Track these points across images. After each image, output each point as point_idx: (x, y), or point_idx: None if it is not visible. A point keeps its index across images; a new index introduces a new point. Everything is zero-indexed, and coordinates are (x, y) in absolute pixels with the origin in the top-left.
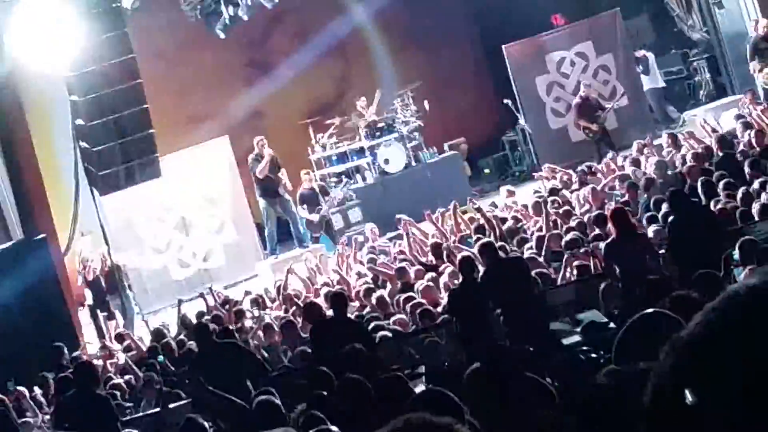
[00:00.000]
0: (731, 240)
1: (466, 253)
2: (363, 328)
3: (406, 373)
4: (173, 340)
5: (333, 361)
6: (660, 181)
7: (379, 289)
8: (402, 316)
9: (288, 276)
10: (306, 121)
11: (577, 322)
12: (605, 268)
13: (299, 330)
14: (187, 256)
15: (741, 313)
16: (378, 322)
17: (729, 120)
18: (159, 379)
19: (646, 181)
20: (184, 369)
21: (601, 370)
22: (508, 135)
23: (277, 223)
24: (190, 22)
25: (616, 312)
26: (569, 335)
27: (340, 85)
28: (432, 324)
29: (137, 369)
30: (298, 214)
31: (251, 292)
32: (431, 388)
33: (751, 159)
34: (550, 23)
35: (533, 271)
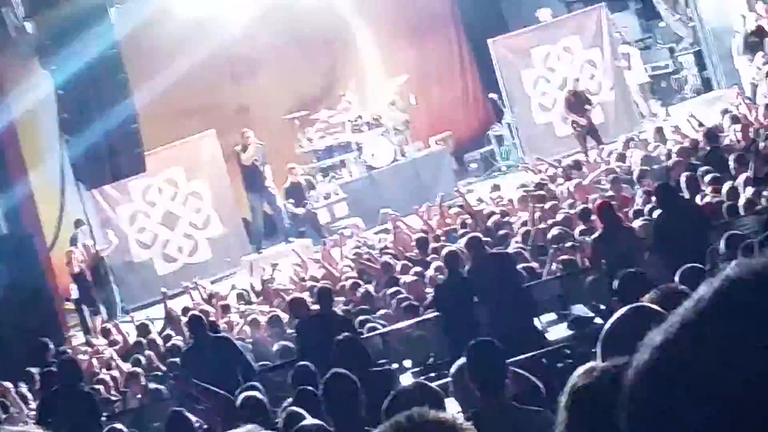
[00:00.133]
0: (717, 234)
1: (452, 248)
2: (349, 322)
3: (393, 368)
4: (159, 335)
5: (323, 353)
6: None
7: (365, 284)
8: (388, 310)
9: (274, 270)
10: (292, 115)
11: (564, 316)
12: (592, 262)
13: (285, 325)
14: (172, 251)
15: (720, 306)
16: (365, 315)
17: (715, 114)
18: (144, 373)
19: (640, 172)
20: (170, 362)
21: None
22: (495, 129)
23: (263, 218)
24: (174, 17)
25: (602, 306)
26: (555, 329)
27: (326, 79)
28: (418, 318)
29: (122, 363)
30: (284, 209)
31: (236, 286)
32: (417, 381)
33: (736, 154)
34: (536, 17)
35: (519, 266)
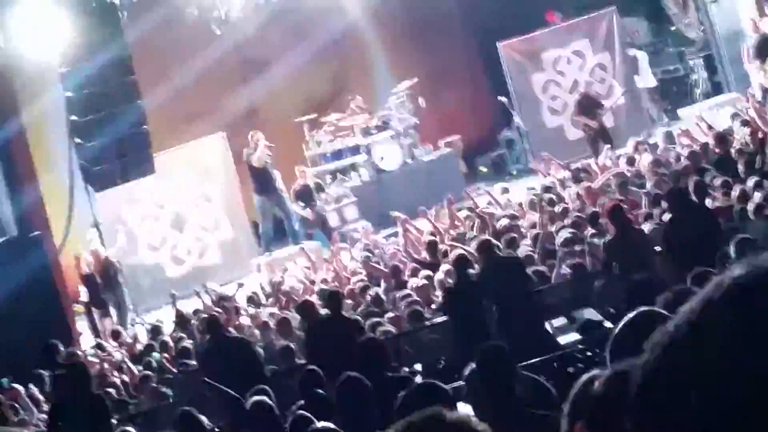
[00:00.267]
0: (727, 238)
1: (461, 251)
2: (358, 325)
3: (404, 371)
4: (169, 337)
5: (332, 356)
6: (656, 179)
7: (374, 287)
8: (397, 313)
9: (285, 274)
10: (302, 118)
11: (573, 320)
12: (604, 266)
13: (294, 328)
14: (182, 254)
15: (726, 308)
16: (376, 318)
17: (725, 118)
18: (155, 376)
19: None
20: (182, 364)
21: (592, 373)
22: (504, 133)
23: (272, 221)
24: (185, 19)
25: (612, 310)
26: (565, 333)
27: (335, 82)
28: (427, 322)
29: (133, 366)
30: (294, 211)
31: (243, 284)
32: (429, 381)
33: (746, 158)
34: (546, 21)
35: (529, 269)
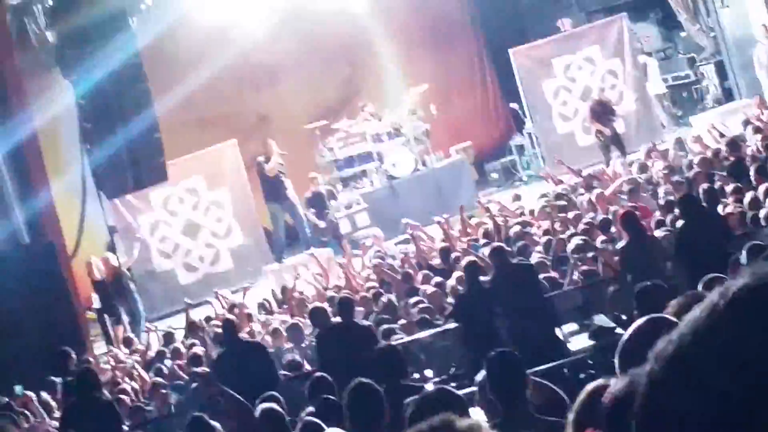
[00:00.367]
0: (739, 245)
1: (472, 258)
2: (370, 332)
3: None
4: (181, 343)
5: (343, 362)
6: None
7: (386, 294)
8: (408, 320)
9: (296, 280)
10: (313, 125)
11: (585, 326)
12: (617, 272)
13: (306, 334)
14: (194, 261)
15: (733, 316)
16: (387, 325)
17: (736, 124)
18: (167, 383)
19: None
20: (193, 372)
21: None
22: (516, 139)
23: (284, 227)
24: (196, 25)
25: (624, 317)
26: (577, 340)
27: (347, 89)
28: (439, 329)
29: (144, 373)
30: (305, 218)
31: (249, 287)
32: (441, 387)
33: (757, 164)
34: (557, 27)
35: (541, 276)
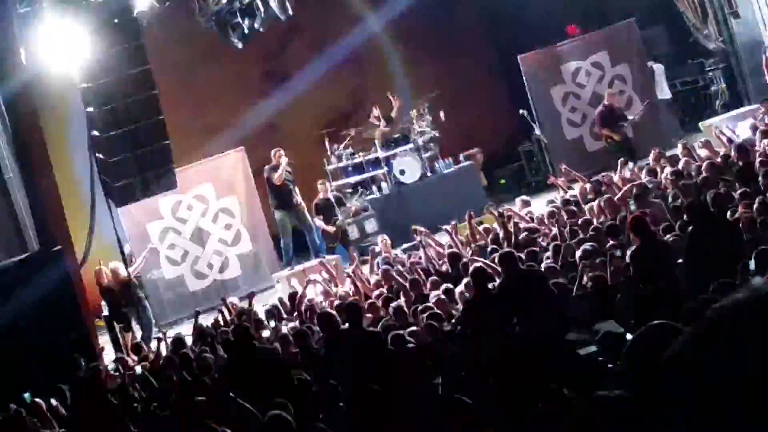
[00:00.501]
0: (748, 250)
1: (479, 265)
2: (377, 339)
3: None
4: (190, 350)
5: (350, 368)
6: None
7: (396, 300)
8: (418, 326)
9: (306, 287)
10: (322, 131)
11: (594, 332)
12: (629, 277)
13: (314, 341)
14: (203, 268)
15: (724, 331)
16: (396, 331)
17: (745, 130)
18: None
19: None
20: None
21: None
22: (524, 145)
23: (292, 234)
24: (206, 33)
25: (633, 322)
26: (586, 346)
27: (355, 95)
28: (448, 335)
29: (154, 380)
30: (314, 225)
31: (255, 293)
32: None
33: (766, 168)
34: (565, 33)
35: (550, 281)
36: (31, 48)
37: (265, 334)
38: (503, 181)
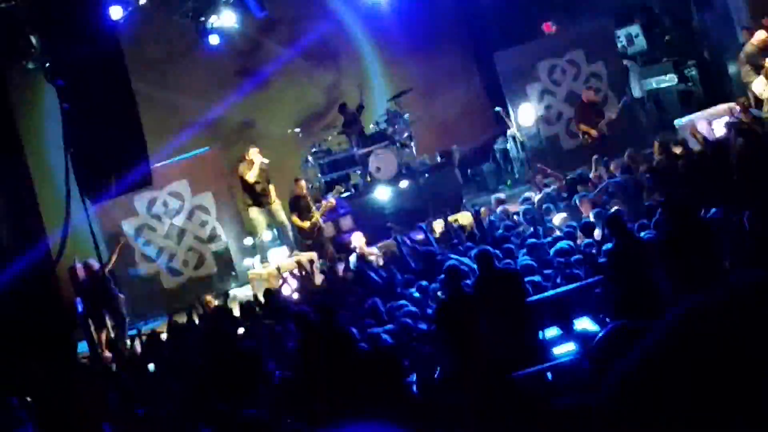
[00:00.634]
0: (725, 249)
1: (452, 264)
2: (350, 338)
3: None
4: (166, 347)
5: (324, 367)
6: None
7: (371, 298)
8: (393, 325)
9: (282, 285)
10: (298, 129)
11: (570, 330)
12: (606, 275)
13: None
14: (178, 265)
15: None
16: (374, 329)
17: (720, 128)
18: (151, 386)
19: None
20: (178, 375)
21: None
22: (500, 143)
23: (267, 232)
24: (181, 30)
25: (609, 320)
26: (561, 344)
27: (331, 93)
28: (422, 333)
29: (129, 377)
30: (289, 222)
31: (229, 294)
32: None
33: (741, 167)
34: (541, 31)
35: (526, 279)
36: (6, 44)
37: (240, 331)
38: (479, 178)
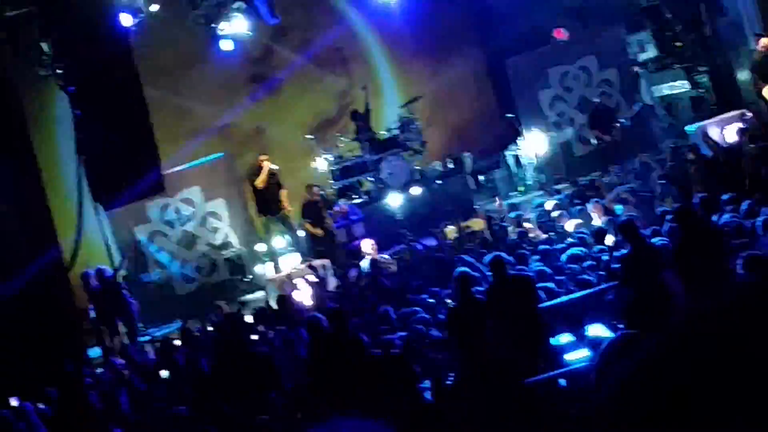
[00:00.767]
0: (736, 254)
1: (462, 270)
2: (361, 344)
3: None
4: (180, 354)
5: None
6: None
7: (383, 304)
8: (406, 332)
9: (295, 290)
10: (309, 135)
11: (583, 336)
12: (620, 280)
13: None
14: (190, 271)
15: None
16: (387, 335)
17: (731, 134)
18: (163, 394)
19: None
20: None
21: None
22: (512, 149)
23: (279, 238)
24: (193, 37)
25: (621, 326)
26: (574, 350)
27: (343, 99)
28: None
29: (141, 383)
30: (303, 229)
31: (242, 296)
32: None
33: (753, 172)
34: (553, 37)
35: (539, 285)
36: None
37: (253, 338)
38: (491, 184)
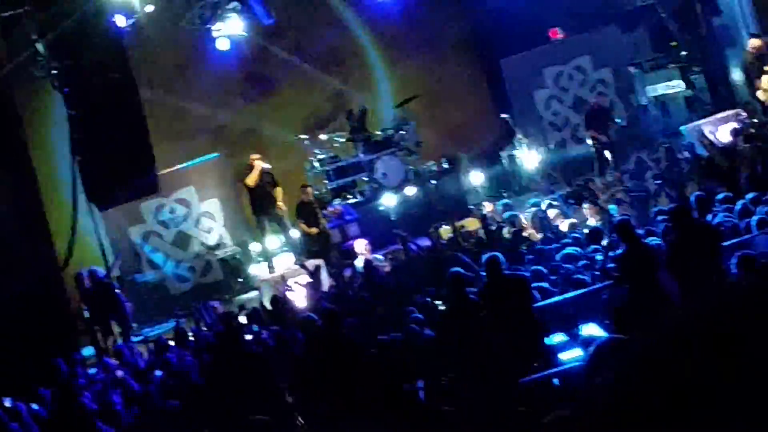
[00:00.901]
0: (730, 253)
1: (455, 271)
2: (355, 344)
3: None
4: (173, 353)
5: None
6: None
7: (378, 304)
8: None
9: (288, 291)
10: (303, 136)
11: (577, 336)
12: (617, 281)
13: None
14: (184, 271)
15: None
16: (382, 336)
17: (726, 133)
18: (156, 393)
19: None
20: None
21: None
22: (507, 149)
23: (273, 238)
24: (188, 38)
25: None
26: (568, 350)
27: (338, 99)
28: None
29: (135, 383)
30: (297, 228)
31: (246, 307)
32: None
33: (748, 172)
34: (548, 37)
35: (534, 284)
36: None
37: (247, 338)
38: (486, 184)
